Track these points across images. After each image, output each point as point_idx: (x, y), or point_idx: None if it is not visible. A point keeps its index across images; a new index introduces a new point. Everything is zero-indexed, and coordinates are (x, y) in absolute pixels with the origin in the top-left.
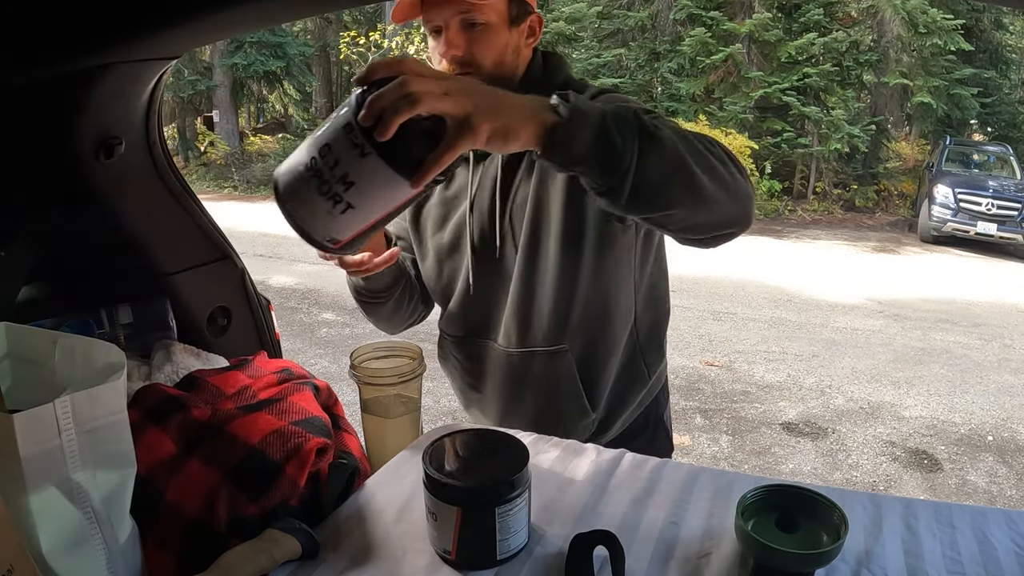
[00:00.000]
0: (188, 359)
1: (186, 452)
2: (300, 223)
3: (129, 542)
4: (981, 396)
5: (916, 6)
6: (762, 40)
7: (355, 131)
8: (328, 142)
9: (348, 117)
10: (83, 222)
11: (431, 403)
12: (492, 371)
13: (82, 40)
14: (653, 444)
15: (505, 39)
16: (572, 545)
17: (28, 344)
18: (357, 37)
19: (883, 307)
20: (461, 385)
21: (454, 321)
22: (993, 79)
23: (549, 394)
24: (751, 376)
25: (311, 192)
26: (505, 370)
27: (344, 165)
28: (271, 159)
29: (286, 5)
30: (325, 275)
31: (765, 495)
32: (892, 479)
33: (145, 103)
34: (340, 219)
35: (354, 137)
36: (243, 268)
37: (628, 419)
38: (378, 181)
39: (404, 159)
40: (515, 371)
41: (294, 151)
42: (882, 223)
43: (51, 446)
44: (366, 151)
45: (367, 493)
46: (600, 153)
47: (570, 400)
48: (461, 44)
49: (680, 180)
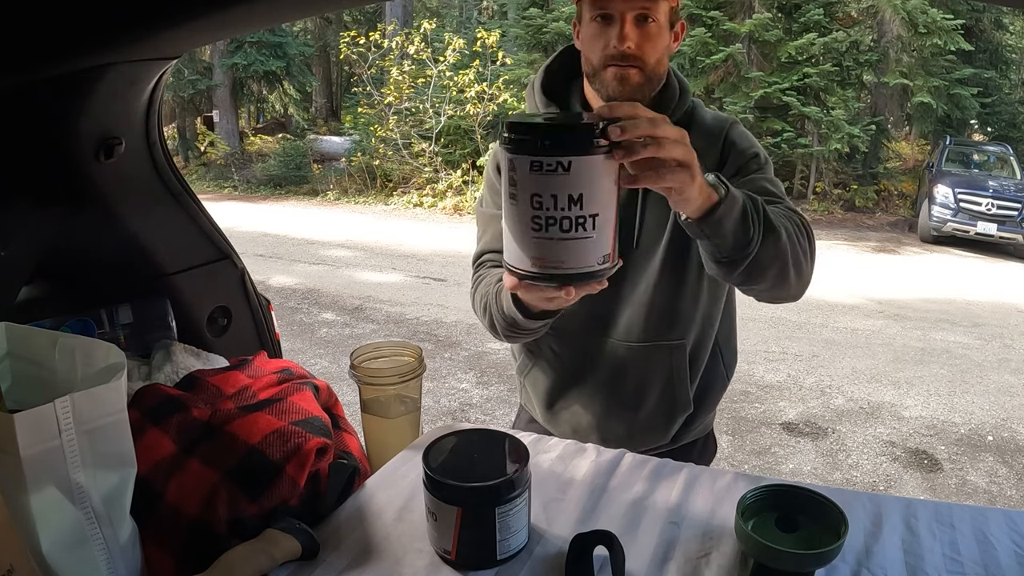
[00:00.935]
0: (188, 359)
1: (186, 452)
2: (572, 273)
3: (129, 542)
4: (981, 396)
5: (916, 6)
6: (762, 40)
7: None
8: (535, 191)
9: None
10: (83, 222)
11: (431, 403)
12: (602, 366)
13: (82, 40)
14: (707, 447)
15: (666, 40)
16: (572, 545)
17: (28, 344)
18: (357, 37)
19: (883, 307)
20: (556, 383)
21: (567, 316)
22: (993, 79)
23: (661, 386)
24: (751, 376)
25: (558, 238)
26: (618, 364)
27: (563, 192)
28: (271, 159)
29: (286, 5)
30: (325, 275)
31: (765, 495)
32: (892, 479)
33: (145, 103)
34: (595, 236)
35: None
36: (243, 268)
37: (709, 422)
38: (598, 170)
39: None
40: (630, 364)
41: (506, 241)
42: (882, 223)
43: (51, 446)
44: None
45: (367, 493)
46: (738, 233)
47: (679, 392)
48: (635, 38)
49: (779, 268)
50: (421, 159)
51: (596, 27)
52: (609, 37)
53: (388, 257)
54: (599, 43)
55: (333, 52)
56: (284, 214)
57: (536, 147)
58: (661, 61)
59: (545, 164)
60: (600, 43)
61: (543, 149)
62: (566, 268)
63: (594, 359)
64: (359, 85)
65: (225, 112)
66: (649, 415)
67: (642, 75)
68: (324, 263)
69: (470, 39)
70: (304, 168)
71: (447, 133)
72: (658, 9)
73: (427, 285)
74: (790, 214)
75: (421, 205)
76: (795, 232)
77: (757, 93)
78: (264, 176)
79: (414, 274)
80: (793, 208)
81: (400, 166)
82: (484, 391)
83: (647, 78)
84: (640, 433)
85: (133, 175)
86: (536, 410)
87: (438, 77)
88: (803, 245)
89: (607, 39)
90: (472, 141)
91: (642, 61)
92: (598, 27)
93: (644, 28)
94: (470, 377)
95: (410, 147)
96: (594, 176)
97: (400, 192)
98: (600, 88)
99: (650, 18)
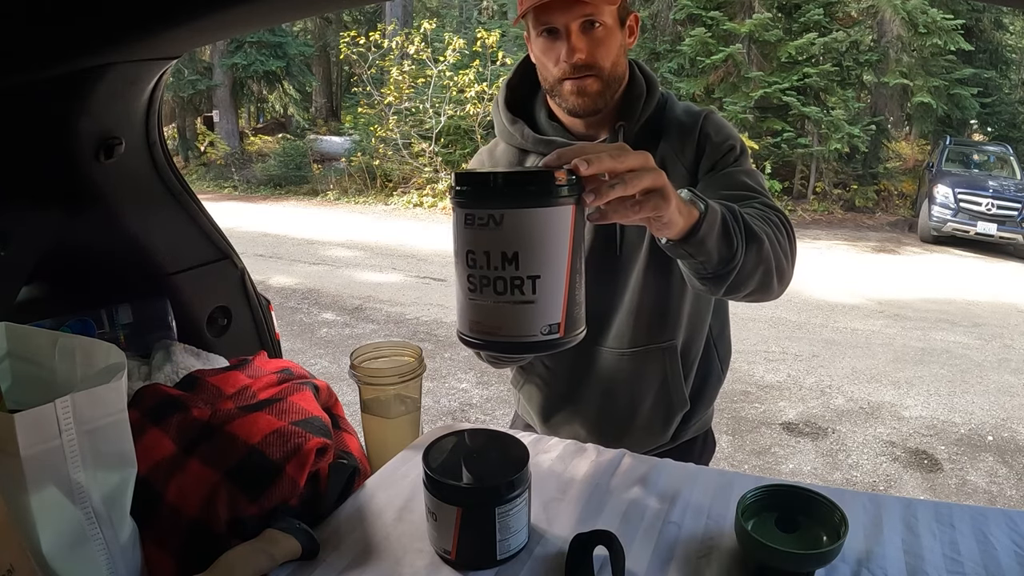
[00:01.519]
0: (188, 359)
1: (186, 452)
2: (508, 341)
3: (129, 542)
4: (981, 396)
5: (916, 6)
6: (762, 40)
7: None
8: (469, 247)
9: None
10: (83, 222)
11: (431, 403)
12: (596, 376)
13: (82, 40)
14: (706, 444)
15: (619, 40)
16: (572, 545)
17: (28, 344)
18: (357, 37)
19: (883, 307)
20: (550, 398)
21: None
22: (993, 79)
23: (656, 388)
24: (751, 376)
25: (492, 301)
26: (612, 372)
27: (496, 249)
28: (271, 159)
29: (286, 5)
30: (325, 275)
31: (765, 495)
32: (892, 479)
33: (145, 103)
34: (537, 301)
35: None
36: (243, 268)
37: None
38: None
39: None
40: (624, 371)
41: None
42: (882, 223)
43: (52, 446)
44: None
45: (367, 493)
46: (722, 248)
47: (675, 393)
48: (584, 47)
49: (762, 274)
50: (421, 159)
51: (544, 42)
52: (559, 51)
53: (388, 257)
54: (551, 58)
55: (333, 52)
56: (284, 214)
57: (468, 198)
58: (617, 63)
59: (477, 217)
60: (552, 58)
61: (474, 200)
62: (502, 336)
63: (588, 370)
64: (359, 85)
65: (225, 112)
66: (646, 418)
67: (599, 82)
68: (324, 263)
69: (470, 39)
70: (304, 168)
71: (447, 133)
72: (602, 12)
73: (427, 285)
74: (768, 213)
75: (421, 205)
76: (776, 235)
77: (757, 93)
78: (264, 176)
79: (414, 274)
80: (771, 204)
81: (400, 166)
82: (484, 391)
83: (605, 84)
84: (639, 435)
85: (133, 175)
86: (533, 421)
87: (438, 77)
88: (784, 247)
89: (557, 53)
90: (472, 141)
91: (597, 68)
92: (545, 42)
93: (591, 34)
94: (470, 377)
95: (410, 147)
96: (533, 231)
97: (400, 192)
98: (561, 102)
99: (596, 23)
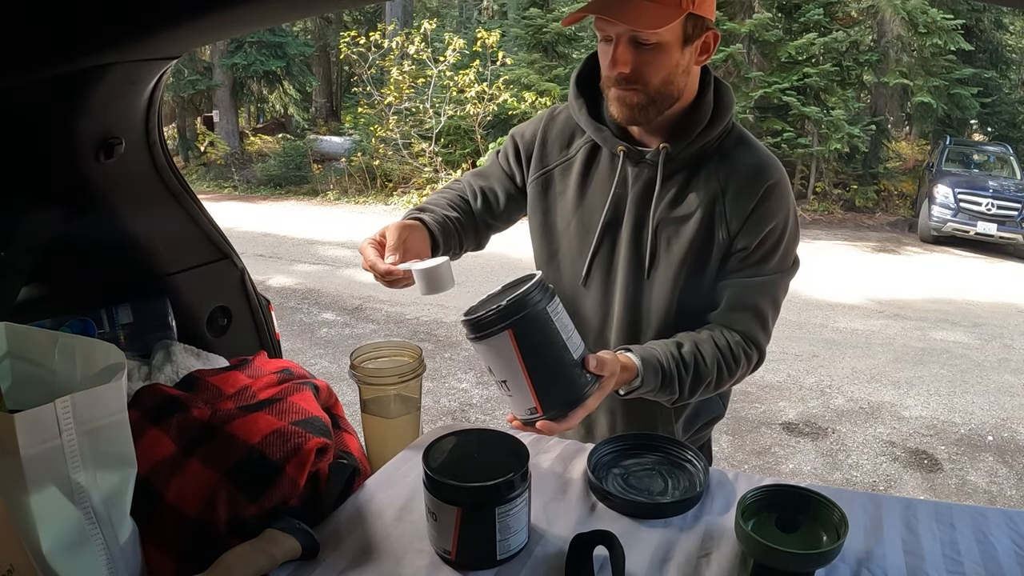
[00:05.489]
0: (188, 359)
1: (186, 452)
2: (519, 419)
3: (129, 542)
4: (981, 396)
5: (916, 6)
6: (762, 40)
7: None
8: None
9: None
10: (83, 222)
11: (431, 403)
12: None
13: (82, 40)
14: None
15: (676, 59)
16: (572, 545)
17: (28, 344)
18: (357, 37)
19: (883, 307)
20: None
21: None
22: (993, 79)
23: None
24: (751, 376)
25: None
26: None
27: (484, 363)
28: (271, 159)
29: (286, 5)
30: (325, 275)
31: (765, 495)
32: (892, 479)
33: (145, 103)
34: (513, 395)
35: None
36: (243, 268)
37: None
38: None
39: None
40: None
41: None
42: (882, 223)
43: (52, 446)
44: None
45: (367, 493)
46: (661, 395)
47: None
48: (629, 62)
49: (703, 394)
50: (421, 159)
51: (602, 47)
52: (608, 59)
53: None
54: (604, 63)
55: (333, 52)
56: (284, 214)
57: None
58: (670, 80)
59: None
60: (604, 63)
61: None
62: (515, 416)
63: None
64: (359, 85)
65: (225, 112)
66: (647, 422)
67: (643, 96)
68: (324, 263)
69: (470, 39)
70: (304, 168)
71: (447, 133)
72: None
73: None
74: (737, 349)
75: None
76: (725, 373)
77: (757, 93)
78: (264, 176)
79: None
80: (753, 337)
81: (400, 166)
82: (484, 391)
83: (650, 100)
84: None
85: (133, 175)
86: None
87: (438, 77)
88: (725, 381)
89: (607, 60)
90: (472, 141)
91: (643, 83)
92: (602, 47)
93: (640, 52)
94: (470, 377)
95: (410, 147)
96: (488, 355)
97: (400, 192)
98: (607, 105)
99: (648, 43)
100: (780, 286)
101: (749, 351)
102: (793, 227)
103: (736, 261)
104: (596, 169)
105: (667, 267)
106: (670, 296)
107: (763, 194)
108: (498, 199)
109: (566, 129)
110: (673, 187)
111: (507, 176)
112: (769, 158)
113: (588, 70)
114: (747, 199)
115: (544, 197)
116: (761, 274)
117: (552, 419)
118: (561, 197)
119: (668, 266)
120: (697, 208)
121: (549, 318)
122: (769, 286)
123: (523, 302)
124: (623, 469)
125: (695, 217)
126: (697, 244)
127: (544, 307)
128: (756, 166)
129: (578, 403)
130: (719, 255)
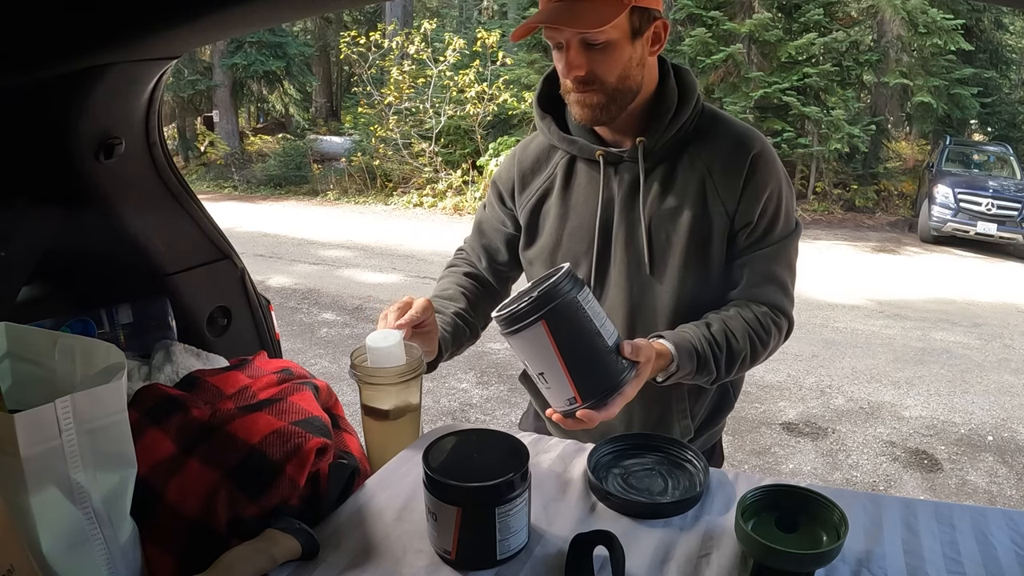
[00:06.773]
0: (188, 359)
1: (186, 452)
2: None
3: (129, 542)
4: (981, 396)
5: (916, 6)
6: (762, 40)
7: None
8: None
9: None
10: (83, 222)
11: (431, 403)
12: None
13: (82, 40)
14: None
15: (628, 54)
16: (572, 545)
17: (28, 344)
18: (357, 37)
19: (883, 307)
20: None
21: None
22: (993, 79)
23: (662, 398)
24: (751, 376)
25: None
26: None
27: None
28: (271, 159)
29: (286, 5)
30: (325, 275)
31: (765, 495)
32: (892, 479)
33: (145, 103)
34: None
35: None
36: (243, 268)
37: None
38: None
39: None
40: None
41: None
42: (882, 223)
43: (51, 446)
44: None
45: (367, 493)
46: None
47: (677, 401)
48: (583, 64)
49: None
50: (421, 159)
51: (555, 55)
52: (562, 64)
53: (388, 257)
54: (560, 69)
55: (333, 52)
56: (284, 214)
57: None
58: (625, 76)
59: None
60: (560, 69)
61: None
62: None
63: None
64: (359, 85)
65: (225, 112)
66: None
67: (602, 95)
68: (324, 263)
69: (470, 39)
70: (304, 168)
71: (447, 133)
72: (603, 31)
73: (427, 285)
74: (766, 319)
75: (421, 205)
76: (759, 346)
77: (757, 93)
78: (264, 176)
79: (414, 274)
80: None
81: (400, 166)
82: (484, 391)
83: (610, 97)
84: None
85: (133, 175)
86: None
87: (438, 77)
88: (759, 355)
89: (561, 66)
90: (472, 141)
91: (600, 82)
92: (556, 54)
93: (592, 52)
94: (470, 377)
95: (410, 147)
96: (523, 348)
97: (400, 192)
98: (571, 113)
99: (597, 42)
100: (791, 248)
101: (778, 319)
102: (788, 189)
103: (743, 238)
104: (577, 181)
105: (670, 260)
106: (677, 289)
107: (750, 165)
108: (500, 252)
109: (540, 154)
110: (658, 179)
111: (500, 224)
112: (748, 129)
113: (547, 90)
114: (735, 173)
115: (535, 223)
116: (770, 243)
117: (592, 407)
118: (548, 218)
119: (671, 259)
120: (687, 194)
121: (581, 306)
122: (781, 252)
123: (553, 292)
124: (623, 469)
125: (687, 203)
126: (696, 230)
127: (575, 296)
128: (737, 139)
129: (616, 389)
130: (721, 234)
